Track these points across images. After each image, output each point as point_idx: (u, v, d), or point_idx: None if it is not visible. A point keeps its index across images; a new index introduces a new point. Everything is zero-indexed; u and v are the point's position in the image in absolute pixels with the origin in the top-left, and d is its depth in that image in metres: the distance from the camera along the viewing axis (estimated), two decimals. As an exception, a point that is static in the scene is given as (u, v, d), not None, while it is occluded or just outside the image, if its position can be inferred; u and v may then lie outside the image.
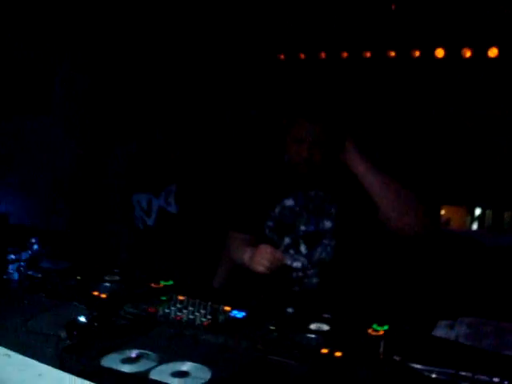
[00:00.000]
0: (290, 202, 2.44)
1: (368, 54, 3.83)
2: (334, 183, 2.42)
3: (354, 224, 2.37)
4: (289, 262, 2.39)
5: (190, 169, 3.04)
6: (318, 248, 2.39)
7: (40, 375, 1.38)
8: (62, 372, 1.39)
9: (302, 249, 2.41)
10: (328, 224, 2.38)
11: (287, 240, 2.43)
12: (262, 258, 2.24)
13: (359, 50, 3.83)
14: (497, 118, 3.73)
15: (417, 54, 3.74)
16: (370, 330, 1.73)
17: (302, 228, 2.41)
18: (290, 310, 1.90)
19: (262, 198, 2.50)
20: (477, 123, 3.83)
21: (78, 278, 2.15)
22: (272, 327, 1.73)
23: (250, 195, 2.57)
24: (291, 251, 2.42)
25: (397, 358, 1.53)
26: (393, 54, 3.78)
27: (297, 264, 2.40)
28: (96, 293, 1.99)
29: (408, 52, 3.76)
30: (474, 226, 5.09)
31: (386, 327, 1.74)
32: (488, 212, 5.00)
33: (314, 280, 2.40)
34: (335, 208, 2.39)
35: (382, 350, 1.57)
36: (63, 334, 1.58)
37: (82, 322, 1.62)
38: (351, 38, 3.77)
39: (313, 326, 1.74)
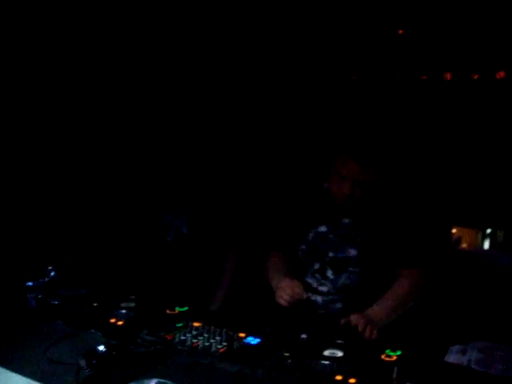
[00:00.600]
0: (323, 229, 2.55)
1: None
2: (361, 213, 2.50)
3: (377, 253, 2.44)
4: (314, 285, 2.51)
5: (204, 192, 3.12)
6: (343, 274, 2.47)
7: (62, 405, 1.41)
8: (83, 402, 1.42)
9: (329, 274, 2.50)
10: (353, 252, 2.47)
11: (317, 265, 2.53)
12: (283, 293, 2.33)
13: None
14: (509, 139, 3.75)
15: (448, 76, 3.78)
16: (383, 356, 1.75)
17: (330, 254, 2.50)
18: (303, 335, 1.92)
19: (299, 222, 2.61)
20: (489, 144, 3.85)
21: (95, 304, 2.18)
22: (286, 354, 1.75)
23: (288, 218, 2.70)
24: (317, 275, 2.52)
25: (409, 384, 1.55)
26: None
27: (322, 288, 2.50)
28: (113, 320, 2.02)
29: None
30: (486, 246, 5.09)
31: (398, 352, 1.76)
32: (499, 231, 5.00)
33: (338, 305, 2.48)
34: (360, 237, 2.47)
35: (395, 375, 1.59)
36: (83, 363, 1.61)
37: (100, 351, 1.65)
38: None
39: (327, 353, 1.76)
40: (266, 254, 2.78)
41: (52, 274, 2.35)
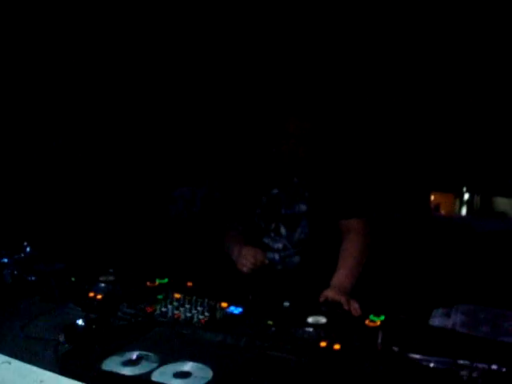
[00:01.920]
0: (275, 191, 2.61)
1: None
2: (309, 171, 2.58)
3: (325, 205, 2.53)
4: (270, 244, 2.58)
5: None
6: (297, 229, 2.55)
7: (42, 382, 1.38)
8: (63, 377, 1.39)
9: (283, 231, 2.57)
10: (303, 207, 2.55)
11: (273, 225, 2.59)
12: (245, 260, 2.39)
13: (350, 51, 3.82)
14: (484, 107, 3.75)
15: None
16: (367, 321, 1.74)
17: (282, 211, 2.57)
18: (286, 303, 1.90)
19: (253, 189, 2.67)
20: (463, 111, 3.84)
21: (73, 279, 2.14)
22: (269, 322, 1.73)
23: (242, 187, 2.74)
24: (272, 234, 2.58)
25: (395, 349, 1.54)
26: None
27: (278, 245, 2.57)
28: (92, 294, 1.98)
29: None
30: (463, 212, 5.13)
31: (382, 317, 1.75)
32: (476, 197, 5.04)
33: (295, 259, 2.56)
34: (308, 192, 2.55)
35: (379, 341, 1.58)
36: (62, 338, 1.57)
37: (80, 326, 1.62)
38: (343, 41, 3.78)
39: (310, 320, 1.75)
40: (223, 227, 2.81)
41: (27, 249, 2.30)
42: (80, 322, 1.63)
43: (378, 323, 1.73)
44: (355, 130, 3.83)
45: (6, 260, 2.22)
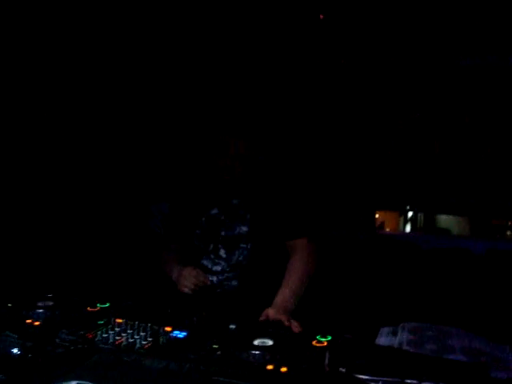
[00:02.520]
0: (214, 211, 2.60)
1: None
2: (248, 191, 2.59)
3: (266, 227, 2.52)
4: (209, 266, 2.56)
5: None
6: (235, 252, 2.53)
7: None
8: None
9: (222, 253, 2.55)
10: (244, 228, 2.53)
11: (211, 246, 2.58)
12: (187, 281, 2.40)
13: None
14: (426, 124, 3.82)
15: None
16: (314, 342, 1.72)
17: (222, 233, 2.55)
18: (232, 326, 1.86)
19: (191, 209, 2.66)
20: (406, 129, 3.91)
21: (9, 305, 2.05)
22: (215, 346, 1.69)
23: (181, 206, 2.74)
24: (212, 256, 2.56)
25: (342, 370, 1.52)
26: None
27: (217, 268, 2.55)
28: (29, 320, 1.89)
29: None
30: (408, 229, 5.21)
31: (329, 338, 1.73)
32: (420, 215, 5.13)
33: (234, 283, 2.53)
34: (249, 214, 2.54)
35: (327, 362, 1.55)
36: (-5, 369, 1.49)
37: (14, 354, 1.54)
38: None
39: (256, 342, 1.72)
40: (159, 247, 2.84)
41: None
42: (15, 350, 1.55)
43: (325, 344, 1.70)
44: (296, 148, 3.86)
45: None
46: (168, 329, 1.82)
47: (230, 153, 2.50)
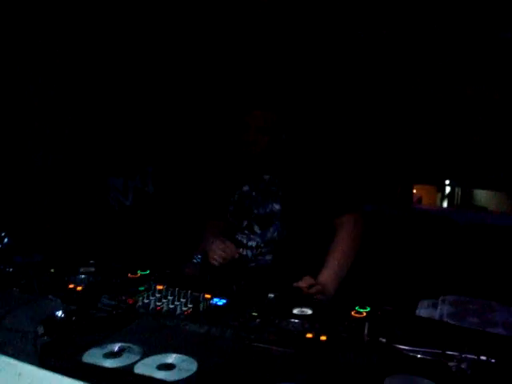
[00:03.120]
0: (246, 188, 2.63)
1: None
2: (281, 168, 2.58)
3: (301, 205, 2.52)
4: (244, 241, 2.60)
5: (166, 153, 3.08)
6: (269, 228, 2.55)
7: (20, 374, 1.33)
8: (42, 370, 1.34)
9: (256, 229, 2.58)
10: (277, 206, 2.54)
11: (245, 223, 2.61)
12: (214, 254, 2.44)
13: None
14: (467, 96, 3.74)
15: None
16: (353, 313, 1.72)
17: (255, 211, 2.58)
18: (271, 295, 1.87)
19: (224, 186, 2.70)
20: (445, 105, 3.83)
21: (52, 270, 2.10)
22: (254, 313, 1.70)
23: (215, 183, 2.78)
24: (246, 231, 2.60)
25: (382, 340, 1.52)
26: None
27: (251, 243, 2.58)
28: (72, 285, 1.93)
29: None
30: (445, 204, 5.15)
31: (368, 309, 1.73)
32: (457, 190, 5.07)
33: (268, 257, 2.56)
34: (281, 191, 2.54)
35: (366, 332, 1.55)
36: (41, 330, 1.53)
37: (59, 317, 1.57)
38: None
39: (296, 311, 1.73)
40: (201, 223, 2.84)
41: (5, 240, 2.24)
42: (59, 313, 1.59)
43: (364, 314, 1.70)
44: (330, 120, 3.81)
45: (-18, 251, 2.17)
46: (208, 296, 1.84)
47: (251, 126, 2.50)
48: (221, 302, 1.82)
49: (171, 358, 1.36)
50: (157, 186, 3.10)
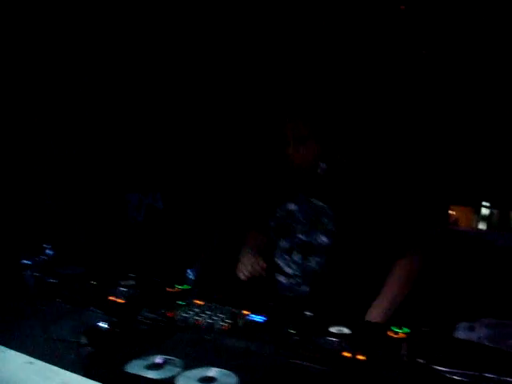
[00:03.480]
0: (292, 207, 2.46)
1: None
2: (337, 197, 2.36)
3: (352, 242, 2.32)
4: (281, 266, 2.45)
5: (174, 172, 3.09)
6: (311, 259, 2.39)
7: (64, 383, 1.37)
8: (86, 379, 1.38)
9: (296, 257, 2.42)
10: (324, 240, 2.36)
11: (284, 243, 2.47)
12: (243, 267, 2.34)
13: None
14: (507, 117, 3.71)
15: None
16: (390, 333, 1.72)
17: (300, 236, 2.42)
18: (308, 313, 1.89)
19: (267, 198, 2.56)
20: (484, 123, 3.80)
21: (93, 283, 2.14)
22: (292, 331, 1.72)
23: (257, 195, 2.66)
24: (286, 256, 2.45)
25: (420, 361, 1.52)
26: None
27: (288, 270, 2.43)
28: (113, 298, 1.98)
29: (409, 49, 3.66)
30: (482, 226, 5.09)
31: (406, 330, 1.73)
32: (495, 211, 5.01)
33: (304, 288, 2.40)
34: (333, 225, 2.34)
35: (405, 352, 1.56)
36: (84, 341, 1.57)
37: (103, 328, 1.61)
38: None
39: (333, 329, 1.73)
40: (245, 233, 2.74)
41: (49, 252, 2.30)
42: (103, 324, 1.62)
43: (401, 335, 1.71)
44: (375, 142, 3.70)
45: (27, 262, 2.22)
46: (246, 312, 1.87)
47: (290, 137, 2.34)
48: (259, 318, 1.84)
49: (212, 372, 1.38)
50: (166, 201, 3.10)
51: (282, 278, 2.45)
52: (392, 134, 3.77)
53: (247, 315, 1.85)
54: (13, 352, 1.58)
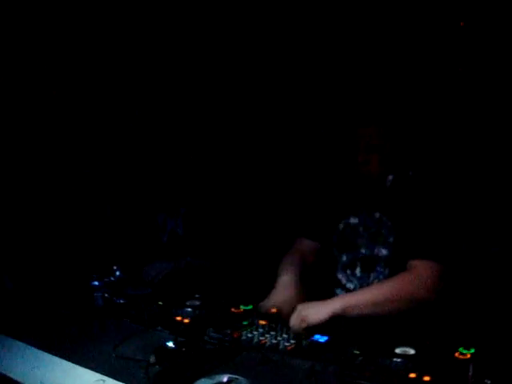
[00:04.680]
0: (354, 221, 2.42)
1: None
2: (397, 209, 2.32)
3: (410, 254, 2.22)
4: (343, 281, 2.41)
5: (198, 193, 3.06)
6: (372, 274, 2.35)
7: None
8: (156, 397, 1.42)
9: (357, 271, 2.38)
10: (384, 252, 2.32)
11: (344, 257, 2.43)
12: (293, 320, 1.98)
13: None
14: None
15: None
16: (456, 354, 1.70)
17: (362, 250, 2.38)
18: (372, 333, 1.88)
19: (329, 212, 2.49)
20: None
21: (160, 303, 2.20)
22: (356, 351, 1.72)
23: (320, 210, 2.56)
24: (348, 271, 2.42)
25: (488, 382, 1.50)
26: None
27: (350, 285, 2.40)
28: (179, 318, 2.02)
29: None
30: None
31: (472, 350, 1.71)
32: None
33: None
34: (393, 237, 2.30)
35: (471, 373, 1.54)
36: (152, 359, 1.62)
37: (170, 347, 1.65)
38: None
39: (398, 350, 1.72)
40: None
41: (117, 273, 2.37)
42: (170, 343, 1.67)
43: (468, 356, 1.68)
44: (445, 157, 3.57)
45: (97, 283, 2.30)
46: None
47: (362, 146, 2.27)
48: (322, 338, 1.85)
49: (277, 391, 1.40)
50: (187, 228, 3.06)
51: (343, 293, 2.40)
52: (460, 150, 3.66)
53: (311, 336, 1.86)
54: (84, 369, 1.64)
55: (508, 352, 1.83)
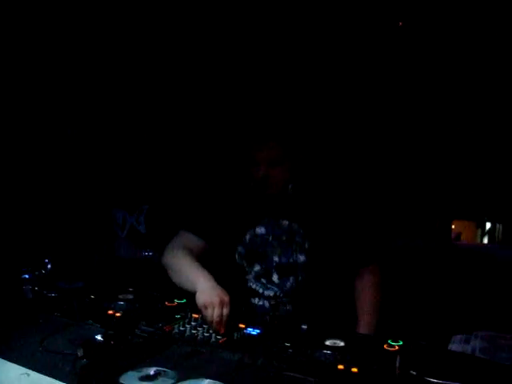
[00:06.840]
0: (261, 230, 2.40)
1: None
2: (305, 215, 2.37)
3: (328, 257, 2.36)
4: (260, 291, 2.38)
5: (161, 191, 3.03)
6: (290, 278, 2.36)
7: (59, 394, 1.39)
8: (81, 390, 1.39)
9: (275, 278, 2.37)
10: (302, 258, 2.34)
11: (257, 267, 2.40)
12: (210, 309, 1.92)
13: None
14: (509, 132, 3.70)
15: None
16: (385, 346, 1.73)
17: (275, 259, 2.37)
18: (304, 326, 1.90)
19: (233, 224, 2.44)
20: (490, 136, 3.79)
21: (92, 297, 2.16)
22: (287, 344, 1.73)
23: (223, 219, 2.48)
24: (263, 280, 2.39)
25: (413, 373, 1.53)
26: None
27: (269, 292, 2.37)
28: (111, 312, 1.99)
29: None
30: (485, 240, 5.09)
31: (400, 342, 1.74)
32: (498, 226, 5.01)
33: (287, 307, 2.36)
34: (308, 243, 2.35)
35: (398, 365, 1.56)
36: (80, 353, 1.58)
37: (98, 341, 1.62)
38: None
39: (328, 342, 1.74)
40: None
41: (48, 266, 2.32)
42: (98, 337, 1.64)
43: (397, 348, 1.71)
44: (352, 154, 3.61)
45: (27, 276, 2.24)
46: (242, 326, 1.88)
47: (262, 161, 2.29)
48: (254, 331, 1.85)
49: (205, 384, 1.40)
50: (149, 226, 3.05)
51: (263, 302, 2.38)
52: (354, 153, 3.70)
53: (243, 329, 1.86)
54: (10, 364, 1.60)
55: (436, 344, 1.86)
